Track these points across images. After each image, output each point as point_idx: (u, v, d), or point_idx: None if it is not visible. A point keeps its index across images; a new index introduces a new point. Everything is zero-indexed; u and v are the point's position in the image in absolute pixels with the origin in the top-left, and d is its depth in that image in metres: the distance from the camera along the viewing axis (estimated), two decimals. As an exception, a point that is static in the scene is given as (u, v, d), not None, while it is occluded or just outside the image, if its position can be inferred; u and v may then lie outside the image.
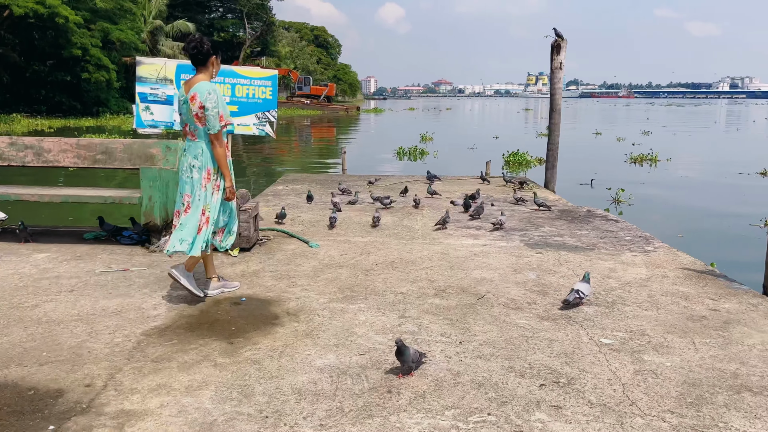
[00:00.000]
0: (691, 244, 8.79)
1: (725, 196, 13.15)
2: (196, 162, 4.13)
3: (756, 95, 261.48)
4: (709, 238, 9.32)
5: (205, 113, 4.02)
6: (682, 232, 9.49)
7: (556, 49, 10.62)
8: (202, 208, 4.17)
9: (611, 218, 7.45)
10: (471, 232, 6.55)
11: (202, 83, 4.06)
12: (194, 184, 4.15)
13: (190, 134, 4.18)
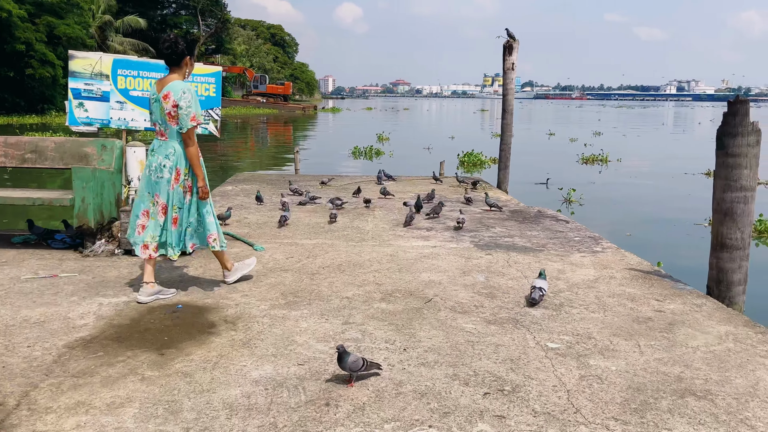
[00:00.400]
0: (639, 243, 8.93)
1: (672, 196, 13.48)
2: (167, 162, 4.08)
3: (701, 98, 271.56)
4: (655, 237, 9.50)
5: (178, 112, 4.00)
6: (630, 231, 9.65)
7: (508, 49, 10.66)
8: (172, 207, 4.17)
9: (561, 218, 7.47)
10: (422, 234, 6.45)
11: (177, 82, 4.05)
12: (164, 184, 4.11)
13: (159, 134, 4.15)
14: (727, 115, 4.42)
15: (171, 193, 4.12)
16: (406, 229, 6.63)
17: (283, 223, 6.75)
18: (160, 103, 4.03)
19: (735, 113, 4.37)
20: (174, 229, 4.17)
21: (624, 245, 7.88)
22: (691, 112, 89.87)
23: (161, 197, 4.12)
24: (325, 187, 9.89)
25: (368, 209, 7.85)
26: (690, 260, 7.92)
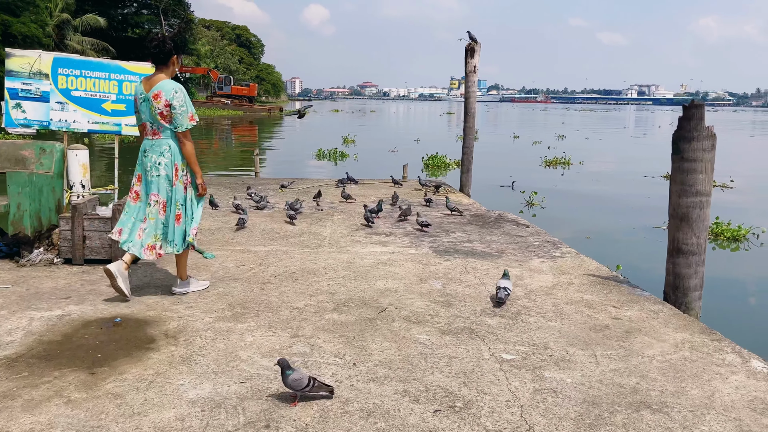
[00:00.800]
0: (598, 247, 8.96)
1: (631, 199, 13.63)
2: (163, 159, 4.08)
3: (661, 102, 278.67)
4: (615, 241, 9.55)
5: (172, 111, 4.01)
6: (590, 234, 9.68)
7: (470, 52, 10.61)
8: (175, 203, 4.16)
9: (522, 223, 7.41)
10: (381, 239, 6.30)
11: (167, 81, 4.05)
12: (162, 182, 4.11)
13: (151, 133, 4.13)
14: (682, 119, 4.39)
15: (173, 190, 4.12)
16: (365, 235, 6.48)
17: (242, 226, 6.57)
18: (150, 103, 4.01)
19: (690, 118, 4.33)
20: (178, 226, 4.18)
21: (583, 249, 7.86)
22: (651, 116, 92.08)
23: (160, 195, 4.11)
24: (285, 191, 9.67)
25: (328, 214, 7.66)
26: (648, 264, 7.96)
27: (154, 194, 4.12)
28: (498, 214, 7.97)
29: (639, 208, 12.34)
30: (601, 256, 8.15)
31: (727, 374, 3.28)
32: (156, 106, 4.01)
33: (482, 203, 11.37)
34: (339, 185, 10.12)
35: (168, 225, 4.16)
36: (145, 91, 4.06)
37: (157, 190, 4.11)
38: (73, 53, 29.58)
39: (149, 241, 4.15)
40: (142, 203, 4.20)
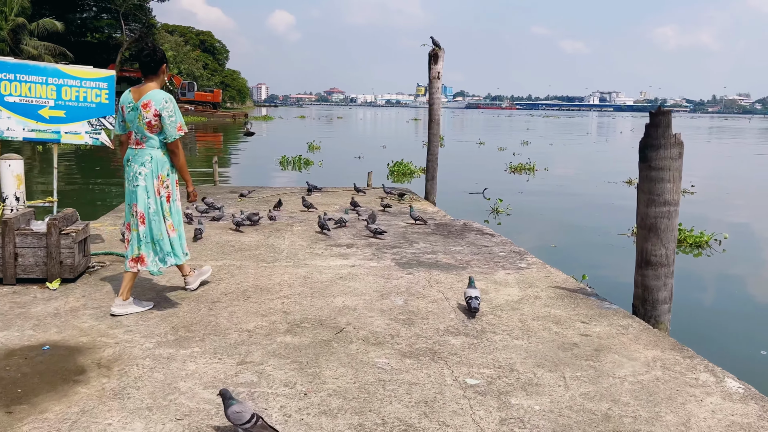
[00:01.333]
0: (564, 255, 8.85)
1: (596, 205, 13.66)
2: (143, 169, 4.02)
3: (622, 108, 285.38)
4: (580, 248, 9.46)
5: (161, 122, 3.99)
6: (555, 242, 9.58)
7: (433, 58, 10.44)
8: (165, 214, 4.13)
9: (487, 232, 7.23)
10: (341, 251, 6.03)
11: (157, 91, 4.02)
12: (141, 192, 4.04)
13: (135, 142, 4.08)
14: (649, 126, 4.25)
15: (157, 200, 4.07)
16: (325, 246, 6.19)
17: (199, 237, 6.26)
18: (139, 112, 3.97)
19: (657, 125, 4.19)
20: (174, 236, 4.17)
21: (549, 258, 7.71)
22: (612, 122, 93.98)
23: (139, 206, 4.05)
24: (245, 200, 9.32)
25: (287, 225, 7.35)
26: (614, 272, 7.87)
27: (135, 205, 4.06)
28: (463, 223, 7.77)
29: (603, 215, 12.34)
30: (567, 266, 8.03)
31: (701, 396, 3.11)
32: (145, 116, 3.96)
33: (448, 211, 11.17)
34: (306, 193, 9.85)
35: (162, 239, 4.12)
36: (134, 100, 4.01)
37: (137, 200, 4.05)
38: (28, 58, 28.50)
39: (134, 252, 4.09)
40: (126, 212, 4.21)
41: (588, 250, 9.31)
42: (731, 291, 7.59)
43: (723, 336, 5.89)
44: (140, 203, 4.04)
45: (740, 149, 37.11)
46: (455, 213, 11.79)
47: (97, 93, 5.53)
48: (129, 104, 4.05)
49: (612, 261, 8.66)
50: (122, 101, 4.10)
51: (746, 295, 7.48)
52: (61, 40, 55.27)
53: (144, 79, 4.10)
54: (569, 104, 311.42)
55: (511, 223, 11.20)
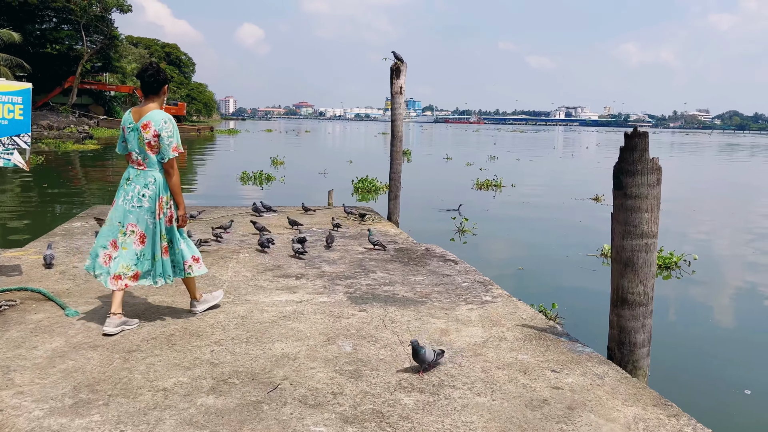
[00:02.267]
0: (532, 279, 8.43)
1: (563, 223, 13.34)
2: (147, 191, 4.03)
3: (587, 123, 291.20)
4: (548, 271, 9.06)
5: (159, 142, 3.99)
6: (523, 264, 9.17)
7: (395, 72, 10.02)
8: (161, 236, 4.10)
9: (450, 258, 6.74)
10: (290, 283, 5.47)
11: (157, 112, 4.04)
12: (143, 214, 4.03)
13: (136, 163, 4.08)
14: (624, 150, 3.82)
15: (156, 224, 4.06)
16: (272, 278, 5.62)
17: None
18: (139, 132, 3.99)
19: (633, 148, 3.77)
20: (166, 258, 4.14)
21: (517, 283, 7.32)
22: (578, 137, 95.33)
23: (139, 226, 4.03)
24: (194, 222, 8.68)
25: (233, 251, 6.76)
26: (585, 299, 7.48)
27: (132, 224, 4.03)
28: (425, 248, 7.28)
29: (571, 234, 12.02)
30: (535, 292, 7.61)
31: (693, 470, 2.65)
32: (144, 136, 3.97)
33: (412, 230, 10.70)
34: (256, 215, 9.26)
35: (156, 259, 4.10)
36: (134, 120, 4.03)
37: (136, 221, 4.03)
38: None
39: (117, 270, 4.02)
40: (110, 228, 4.10)
41: (556, 273, 8.91)
42: (705, 319, 7.25)
43: (703, 375, 5.49)
44: (141, 223, 4.03)
45: (703, 164, 37.72)
46: (420, 232, 11.34)
47: (10, 108, 4.90)
48: (130, 125, 4.06)
49: (582, 285, 8.28)
50: (123, 122, 4.11)
51: (721, 322, 7.15)
52: (20, 52, 53.59)
53: (145, 99, 4.12)
54: (536, 119, 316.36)
55: (477, 243, 10.79)
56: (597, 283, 8.36)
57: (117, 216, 4.08)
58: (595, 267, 9.19)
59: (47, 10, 60.00)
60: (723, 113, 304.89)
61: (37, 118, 52.84)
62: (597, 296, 7.58)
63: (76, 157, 28.01)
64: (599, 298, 7.49)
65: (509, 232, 12.25)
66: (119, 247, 4.05)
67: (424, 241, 10.94)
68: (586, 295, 7.74)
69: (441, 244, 10.77)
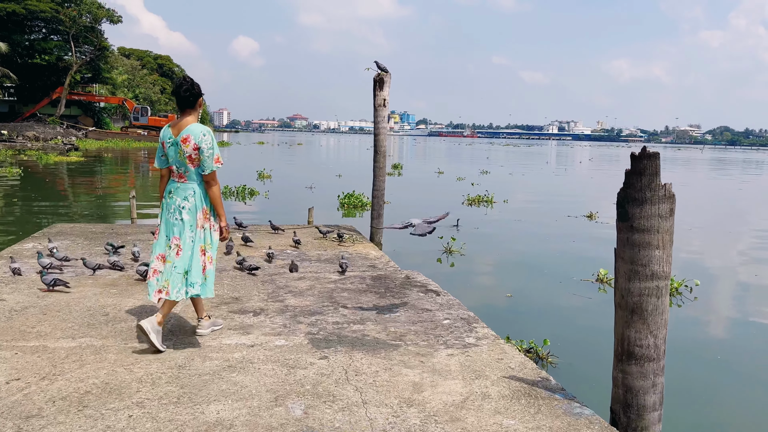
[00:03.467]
0: (522, 308, 7.77)
1: (556, 243, 12.71)
2: (187, 203, 4.06)
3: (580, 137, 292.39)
4: (540, 298, 8.39)
5: (200, 154, 4.03)
6: (512, 290, 8.50)
7: (379, 83, 9.41)
8: (202, 248, 4.12)
9: (432, 288, 6.06)
10: (245, 321, 4.78)
11: (195, 125, 4.06)
12: (184, 226, 4.06)
13: (178, 176, 4.11)
14: (631, 174, 3.18)
15: (197, 234, 4.09)
16: (227, 313, 4.93)
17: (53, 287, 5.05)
18: (179, 147, 4.02)
19: (641, 172, 3.13)
20: (210, 268, 4.16)
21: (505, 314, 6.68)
22: (571, 151, 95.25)
23: (180, 238, 4.06)
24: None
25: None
26: (580, 335, 6.81)
27: (175, 238, 4.07)
28: (405, 275, 6.60)
29: (564, 256, 11.38)
30: (525, 324, 6.94)
31: None
32: (185, 150, 4.00)
33: (397, 249, 10.11)
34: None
35: (191, 269, 4.06)
36: (173, 135, 4.05)
37: (178, 234, 4.07)
38: None
39: (161, 284, 4.06)
40: (158, 243, 4.14)
41: (549, 301, 8.25)
42: (714, 356, 6.59)
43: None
44: (181, 236, 4.05)
45: (697, 179, 37.31)
46: (405, 253, 10.69)
47: None
48: (169, 139, 4.07)
49: (576, 316, 7.62)
50: (162, 137, 4.12)
51: (733, 360, 6.48)
52: (7, 62, 52.94)
53: (181, 114, 4.11)
54: (529, 132, 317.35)
55: (464, 266, 10.13)
56: (593, 313, 7.71)
57: (164, 230, 4.13)
58: (590, 294, 8.55)
59: (36, 20, 59.43)
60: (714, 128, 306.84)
61: (24, 128, 52.07)
62: (593, 331, 6.92)
63: (57, 170, 27.23)
64: (596, 334, 6.83)
65: (499, 253, 11.60)
66: (166, 260, 4.09)
67: (409, 263, 10.26)
68: (581, 328, 7.08)
69: (428, 265, 10.13)
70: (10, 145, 39.66)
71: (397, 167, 35.52)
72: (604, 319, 7.29)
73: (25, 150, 37.77)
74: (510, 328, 6.69)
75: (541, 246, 12.41)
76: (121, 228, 9.45)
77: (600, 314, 7.58)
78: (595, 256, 11.33)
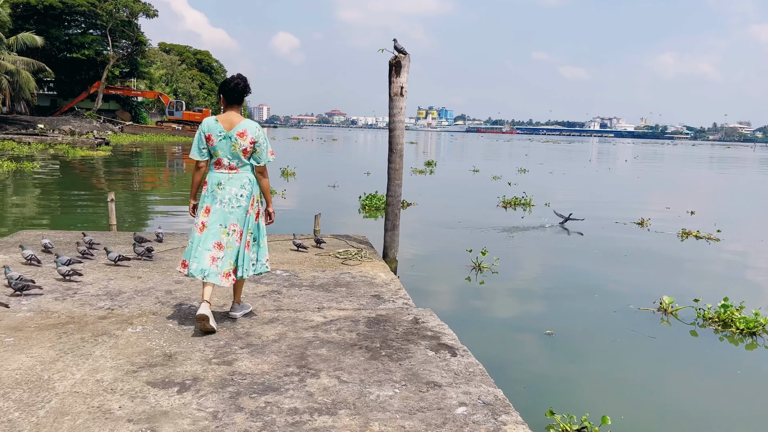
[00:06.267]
0: (564, 352, 6.06)
1: (604, 256, 10.90)
2: (244, 191, 4.32)
3: (622, 135, 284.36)
4: (588, 337, 6.66)
5: (256, 147, 4.32)
6: (553, 325, 6.78)
7: (395, 68, 7.83)
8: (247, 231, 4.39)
9: (446, 342, 4.42)
10: (160, 402, 3.26)
11: (249, 121, 4.32)
12: (241, 212, 4.31)
13: (228, 168, 4.31)
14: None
15: (247, 219, 4.37)
16: (142, 384, 3.43)
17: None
18: (233, 140, 4.23)
19: None
20: (247, 252, 4.40)
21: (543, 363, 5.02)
22: (613, 149, 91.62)
23: (238, 225, 4.31)
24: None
25: (122, 321, 4.61)
26: (649, 403, 5.09)
27: (233, 224, 4.30)
28: (413, 317, 4.99)
29: (616, 274, 9.60)
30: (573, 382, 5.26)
31: None
32: (241, 143, 4.24)
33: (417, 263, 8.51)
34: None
35: (240, 252, 4.34)
36: (225, 129, 4.23)
37: (236, 220, 4.30)
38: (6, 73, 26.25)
39: (226, 268, 4.28)
40: (210, 232, 4.27)
41: (601, 341, 6.53)
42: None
43: None
44: (240, 222, 4.31)
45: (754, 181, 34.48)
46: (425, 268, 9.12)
47: None
48: (220, 133, 4.24)
49: (641, 366, 5.89)
50: (209, 129, 4.26)
51: None
52: (46, 56, 53.20)
53: (228, 107, 4.31)
54: (570, 129, 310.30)
55: (495, 286, 8.48)
56: (665, 365, 5.97)
57: (217, 219, 4.26)
58: (653, 330, 6.82)
59: (74, 14, 59.69)
60: (765, 126, 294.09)
61: (60, 122, 52.22)
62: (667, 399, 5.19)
63: (80, 164, 26.50)
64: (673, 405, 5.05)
65: (537, 269, 9.87)
66: (224, 247, 4.26)
67: (428, 284, 8.64)
68: (648, 391, 5.34)
69: (451, 284, 8.50)
70: (41, 139, 39.46)
71: (430, 164, 33.87)
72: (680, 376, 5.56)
73: (55, 144, 37.46)
74: (553, 389, 5.04)
75: (587, 260, 10.63)
76: (99, 236, 8.06)
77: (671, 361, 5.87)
78: (653, 276, 9.53)
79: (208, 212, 4.29)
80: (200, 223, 4.29)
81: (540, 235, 12.86)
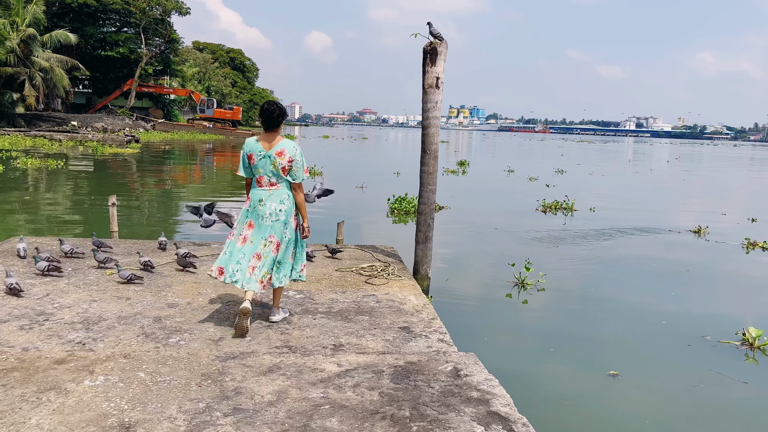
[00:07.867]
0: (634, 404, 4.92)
1: (664, 274, 9.59)
2: (283, 206, 4.57)
3: (659, 134, 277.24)
4: (661, 382, 5.49)
5: (293, 165, 4.55)
6: (616, 362, 5.61)
7: (431, 56, 6.77)
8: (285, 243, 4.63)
9: (497, 410, 3.33)
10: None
11: (287, 141, 4.58)
12: (279, 225, 4.56)
13: (268, 184, 4.58)
14: None
15: (285, 231, 4.59)
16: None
17: None
18: (273, 159, 4.50)
19: None
20: (291, 262, 4.70)
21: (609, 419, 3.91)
22: (650, 149, 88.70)
23: (275, 236, 4.56)
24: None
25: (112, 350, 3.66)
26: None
27: (271, 236, 4.54)
28: (453, 367, 3.90)
29: (681, 294, 8.35)
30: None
31: None
32: (280, 162, 4.51)
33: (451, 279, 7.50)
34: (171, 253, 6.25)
35: (283, 262, 4.62)
36: (265, 149, 4.52)
37: (273, 233, 4.55)
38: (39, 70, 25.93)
39: (261, 276, 4.50)
40: (252, 245, 4.53)
41: (679, 389, 5.33)
42: None
43: None
44: (278, 234, 4.56)
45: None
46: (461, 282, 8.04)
47: None
48: (260, 152, 4.52)
49: (734, 428, 4.71)
50: (250, 149, 4.56)
51: None
52: (80, 54, 53.50)
53: (269, 131, 4.56)
54: (604, 129, 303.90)
55: (542, 307, 7.36)
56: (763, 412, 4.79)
57: (259, 233, 4.55)
58: (740, 370, 5.62)
59: (108, 12, 60.01)
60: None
61: (94, 120, 52.46)
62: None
63: (106, 162, 26.07)
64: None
65: (590, 287, 8.64)
66: (262, 257, 4.52)
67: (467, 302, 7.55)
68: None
69: (492, 306, 7.39)
70: (72, 136, 39.46)
71: (463, 164, 32.63)
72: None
73: (85, 141, 37.35)
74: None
75: (646, 276, 9.36)
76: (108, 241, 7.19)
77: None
78: (724, 297, 8.26)
79: (251, 227, 4.57)
80: (242, 236, 4.56)
81: (588, 244, 11.61)
